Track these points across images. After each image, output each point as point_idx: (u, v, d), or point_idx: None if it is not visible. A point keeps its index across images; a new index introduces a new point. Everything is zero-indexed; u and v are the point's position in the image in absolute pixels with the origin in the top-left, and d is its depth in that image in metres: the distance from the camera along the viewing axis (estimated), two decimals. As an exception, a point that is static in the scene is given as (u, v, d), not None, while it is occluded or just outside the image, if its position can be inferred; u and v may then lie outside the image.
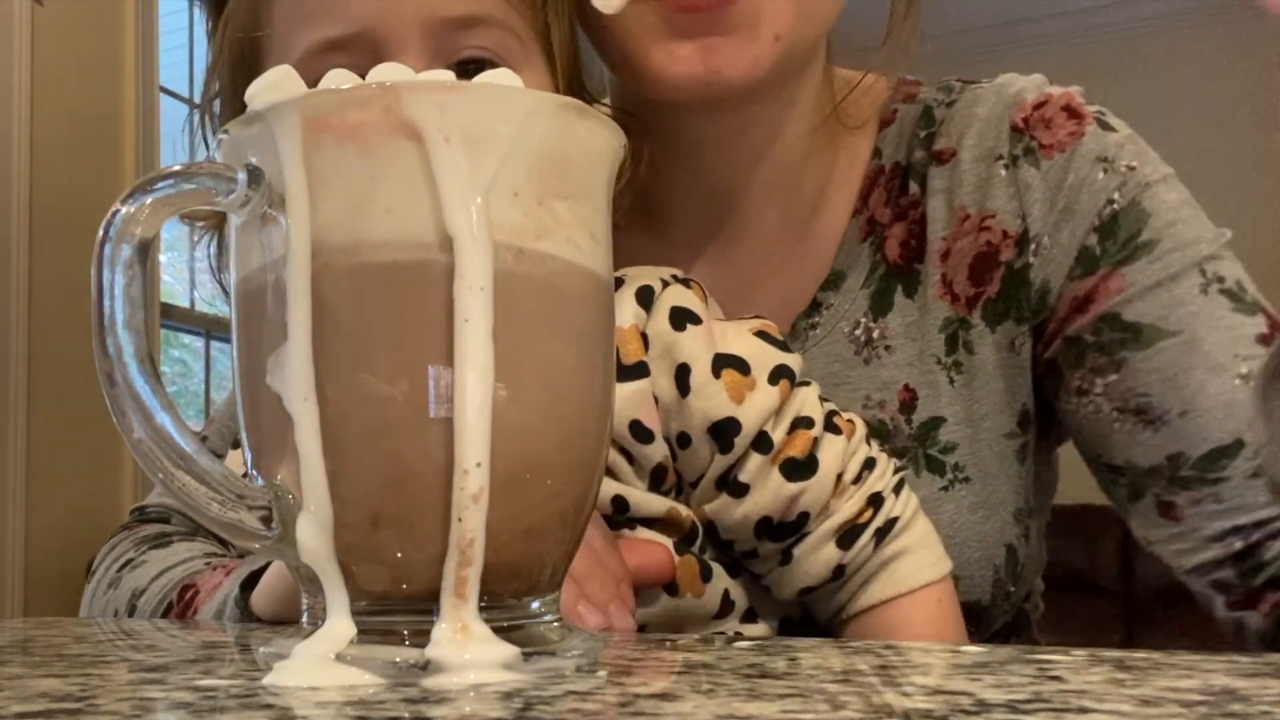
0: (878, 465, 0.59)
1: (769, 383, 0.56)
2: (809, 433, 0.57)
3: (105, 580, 0.71)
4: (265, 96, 0.35)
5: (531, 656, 0.32)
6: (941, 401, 0.69)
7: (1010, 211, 0.68)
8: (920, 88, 0.75)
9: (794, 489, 0.56)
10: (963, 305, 0.69)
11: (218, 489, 0.33)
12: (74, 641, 0.44)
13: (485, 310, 0.32)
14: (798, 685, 0.30)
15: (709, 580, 0.58)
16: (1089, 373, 0.67)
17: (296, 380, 0.33)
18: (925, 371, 0.69)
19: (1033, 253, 0.68)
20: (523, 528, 0.34)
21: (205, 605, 0.59)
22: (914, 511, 0.60)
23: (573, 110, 0.35)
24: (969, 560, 0.67)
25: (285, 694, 0.29)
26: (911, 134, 0.72)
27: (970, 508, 0.68)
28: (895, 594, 0.58)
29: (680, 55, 0.60)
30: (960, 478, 0.68)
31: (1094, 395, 0.67)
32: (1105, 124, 0.68)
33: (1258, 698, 0.27)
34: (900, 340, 0.70)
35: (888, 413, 0.69)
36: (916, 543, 0.59)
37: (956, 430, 0.69)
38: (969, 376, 0.69)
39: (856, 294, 0.71)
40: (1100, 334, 0.66)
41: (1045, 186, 0.67)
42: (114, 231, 0.32)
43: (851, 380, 0.70)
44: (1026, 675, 0.31)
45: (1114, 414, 0.66)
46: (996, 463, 0.69)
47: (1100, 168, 0.67)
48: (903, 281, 0.71)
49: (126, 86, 2.88)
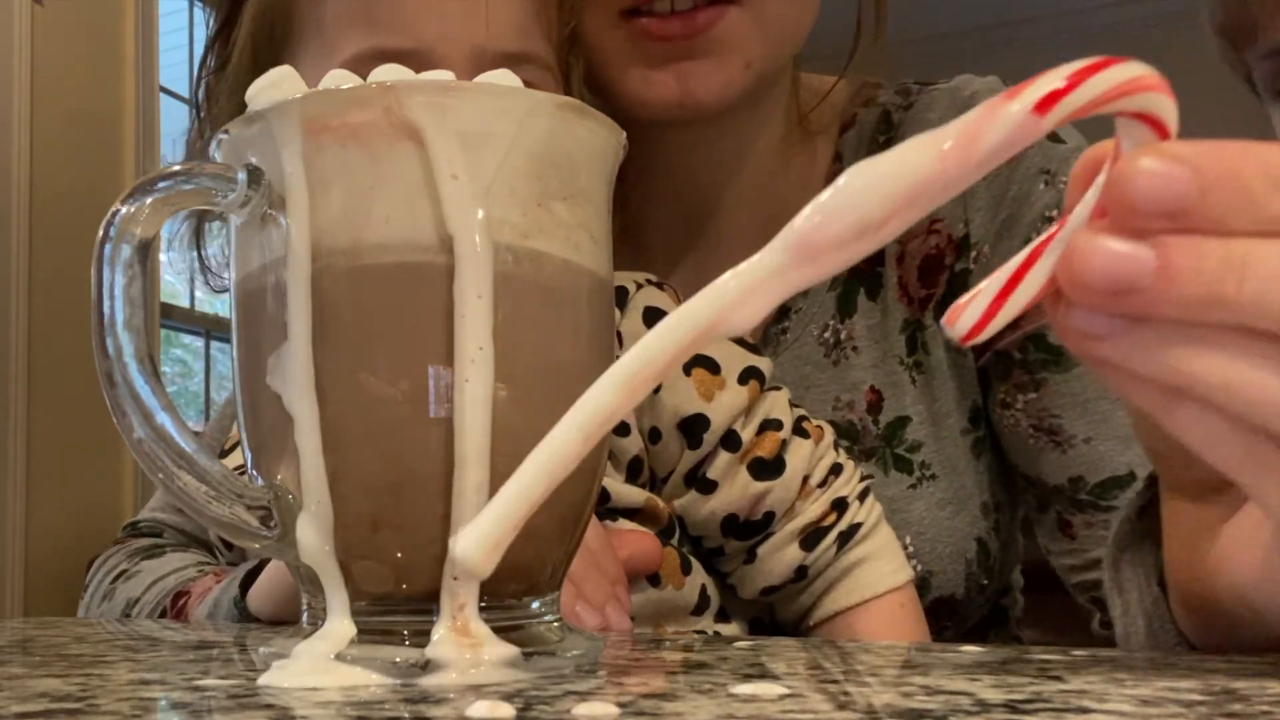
0: (844, 471, 0.61)
1: (738, 383, 0.58)
2: (777, 434, 0.58)
3: (99, 593, 0.71)
4: (265, 96, 0.35)
5: (531, 656, 0.32)
6: (906, 401, 0.70)
7: (955, 216, 0.69)
8: (879, 90, 0.76)
9: (760, 488, 0.58)
10: (916, 307, 0.71)
11: (218, 489, 0.33)
12: (74, 641, 0.44)
13: (485, 310, 0.32)
14: (797, 685, 0.30)
15: (689, 573, 0.59)
16: (1013, 388, 0.69)
17: (296, 380, 0.33)
18: (889, 372, 0.71)
19: (973, 259, 0.69)
20: (523, 528, 0.34)
21: (196, 609, 0.60)
22: (877, 519, 0.61)
23: (572, 110, 0.35)
24: (940, 555, 0.68)
25: (285, 694, 0.29)
26: (871, 139, 0.74)
27: (939, 504, 0.69)
28: (860, 600, 0.59)
29: (655, 80, 0.63)
30: (927, 475, 0.70)
31: (1015, 410, 0.69)
32: (1054, 135, 0.68)
33: (1258, 698, 0.27)
34: (865, 342, 0.72)
35: (856, 413, 0.71)
36: (879, 549, 0.60)
37: (921, 429, 0.70)
38: (928, 376, 0.71)
39: (823, 296, 0.72)
40: (1026, 352, 0.68)
41: (989, 195, 0.69)
42: (114, 231, 0.32)
43: (821, 382, 0.72)
44: (1026, 675, 0.31)
45: (1030, 430, 0.68)
46: (961, 459, 0.70)
47: (1042, 180, 0.68)
48: (864, 284, 0.72)
49: (126, 86, 2.88)
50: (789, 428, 0.59)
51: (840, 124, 0.75)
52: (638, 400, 0.27)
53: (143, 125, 2.87)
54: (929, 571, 0.68)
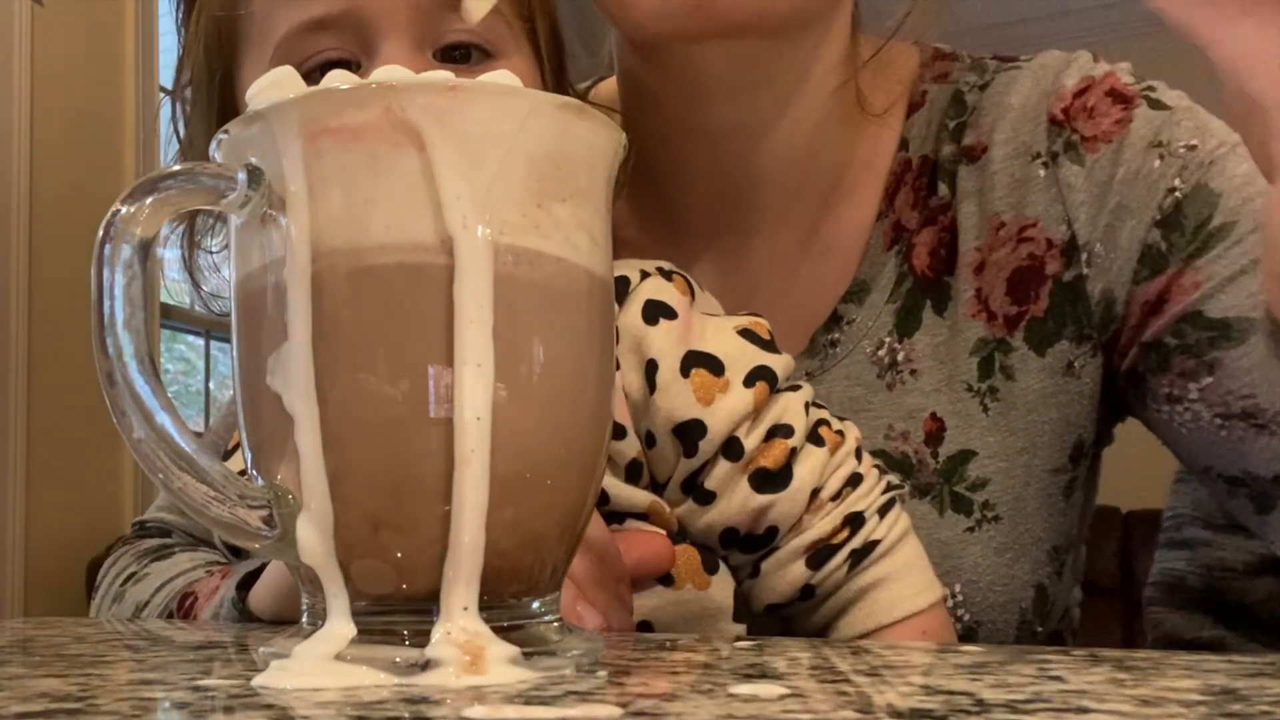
0: (864, 483, 0.55)
1: (744, 385, 0.53)
2: (786, 442, 0.53)
3: (109, 595, 0.71)
4: (265, 96, 0.35)
5: (531, 656, 0.32)
6: (973, 433, 0.62)
7: (1053, 217, 0.61)
8: (954, 65, 0.67)
9: (762, 501, 0.53)
10: (1001, 325, 0.62)
11: (218, 489, 0.33)
12: (74, 641, 0.44)
13: (485, 310, 0.32)
14: (798, 685, 0.30)
15: (714, 573, 0.55)
16: (1178, 377, 0.58)
17: (296, 380, 0.33)
18: (955, 399, 0.63)
19: (1085, 262, 0.60)
20: (523, 527, 0.34)
21: (203, 610, 0.59)
22: (900, 535, 0.55)
23: (572, 111, 0.35)
24: (992, 605, 0.62)
25: (285, 694, 0.29)
26: (940, 123, 0.64)
27: (998, 549, 0.62)
28: (875, 626, 0.54)
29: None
30: (989, 517, 0.62)
31: (1189, 402, 0.58)
32: (1156, 101, 0.60)
33: (1258, 698, 0.27)
34: (928, 363, 0.64)
35: (911, 445, 0.63)
36: (900, 569, 0.54)
37: (989, 464, 0.62)
38: (1006, 405, 0.62)
39: (881, 309, 0.65)
40: (1184, 335, 0.58)
41: (1091, 185, 0.60)
42: (114, 231, 0.32)
43: (873, 407, 0.64)
44: (1026, 675, 0.31)
45: (1217, 421, 0.57)
46: (1035, 500, 0.63)
47: (1155, 154, 0.59)
48: (932, 297, 0.64)
49: (126, 86, 2.88)
50: (801, 434, 0.53)
51: (909, 103, 0.66)
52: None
53: (143, 125, 2.87)
54: (976, 622, 0.62)
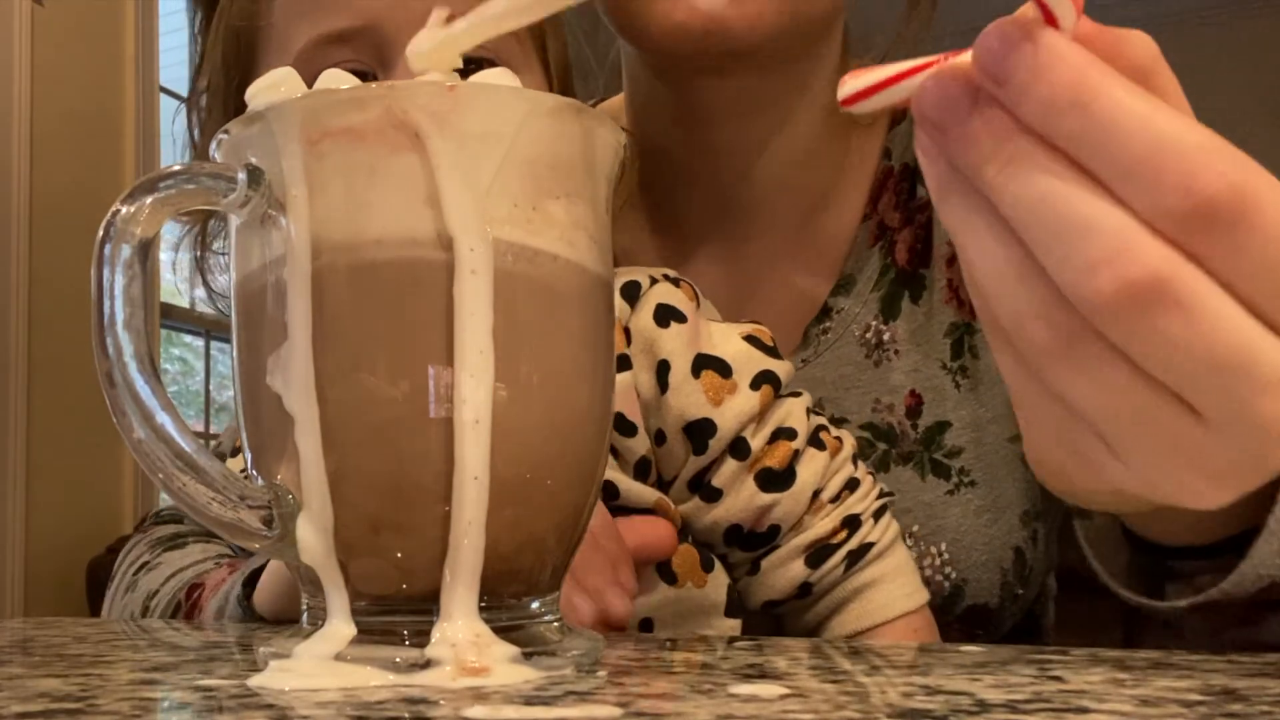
0: (860, 487, 0.58)
1: (751, 388, 0.56)
2: (790, 444, 0.56)
3: (123, 585, 0.71)
4: (265, 96, 0.35)
5: (531, 656, 0.32)
6: (947, 406, 0.69)
7: None
8: None
9: (767, 499, 0.55)
10: (968, 311, 0.69)
11: (218, 489, 0.33)
12: (74, 641, 0.44)
13: (485, 310, 0.32)
14: (798, 685, 0.30)
15: (710, 570, 0.57)
16: None
17: (296, 380, 0.33)
18: (931, 377, 0.69)
19: None
20: (523, 527, 0.34)
21: (209, 604, 0.60)
22: (892, 539, 0.58)
23: (571, 110, 0.35)
24: (975, 564, 0.67)
25: (285, 694, 0.29)
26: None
27: (976, 511, 0.67)
28: (870, 624, 0.57)
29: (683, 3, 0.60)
30: (966, 481, 0.68)
31: None
32: None
33: (1258, 698, 0.27)
34: (906, 345, 0.70)
35: (895, 416, 0.69)
36: (892, 571, 0.58)
37: (962, 434, 0.68)
38: (975, 381, 0.69)
39: (867, 297, 0.71)
40: None
41: None
42: (114, 231, 0.32)
43: (862, 383, 0.70)
44: (1026, 675, 0.31)
45: None
46: (1003, 466, 0.68)
47: None
48: (909, 287, 0.70)
49: (126, 86, 2.88)
50: (804, 438, 0.56)
51: (891, 116, 0.73)
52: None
53: (143, 125, 2.88)
54: (963, 579, 0.66)
